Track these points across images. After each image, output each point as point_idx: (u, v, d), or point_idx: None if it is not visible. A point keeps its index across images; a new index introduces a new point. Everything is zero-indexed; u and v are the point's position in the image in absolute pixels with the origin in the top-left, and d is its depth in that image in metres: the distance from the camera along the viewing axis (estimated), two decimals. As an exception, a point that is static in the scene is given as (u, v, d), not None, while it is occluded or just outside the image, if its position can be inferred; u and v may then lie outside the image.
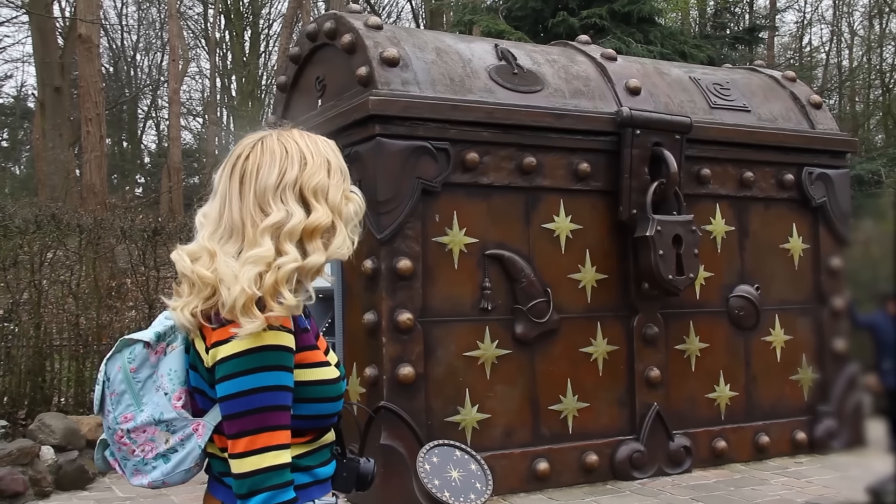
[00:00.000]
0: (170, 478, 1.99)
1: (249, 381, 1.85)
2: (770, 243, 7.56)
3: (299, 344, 1.96)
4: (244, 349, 1.86)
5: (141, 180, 34.69)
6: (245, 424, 1.85)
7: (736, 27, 21.17)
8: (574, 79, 6.98)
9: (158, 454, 1.98)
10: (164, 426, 1.97)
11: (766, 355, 7.47)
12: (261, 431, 1.85)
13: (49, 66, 19.70)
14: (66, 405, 7.94)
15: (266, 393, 1.86)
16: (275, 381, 1.87)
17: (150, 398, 1.99)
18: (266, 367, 1.86)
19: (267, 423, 1.86)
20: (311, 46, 7.07)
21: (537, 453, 6.37)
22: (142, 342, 2.01)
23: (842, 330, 7.42)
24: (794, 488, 6.41)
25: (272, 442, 1.85)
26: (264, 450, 1.85)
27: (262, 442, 1.85)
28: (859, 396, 6.73)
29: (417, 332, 6.01)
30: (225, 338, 1.88)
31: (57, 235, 8.36)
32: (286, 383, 1.89)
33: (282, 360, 1.89)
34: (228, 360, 1.87)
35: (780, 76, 8.36)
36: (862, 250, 1.75)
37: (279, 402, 1.87)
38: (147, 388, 1.99)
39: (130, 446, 1.99)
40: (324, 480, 2.05)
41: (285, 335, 1.90)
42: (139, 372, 2.00)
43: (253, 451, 1.85)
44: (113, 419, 2.00)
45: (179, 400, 1.98)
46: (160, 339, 2.02)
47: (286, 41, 24.45)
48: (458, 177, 6.26)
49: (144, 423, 1.97)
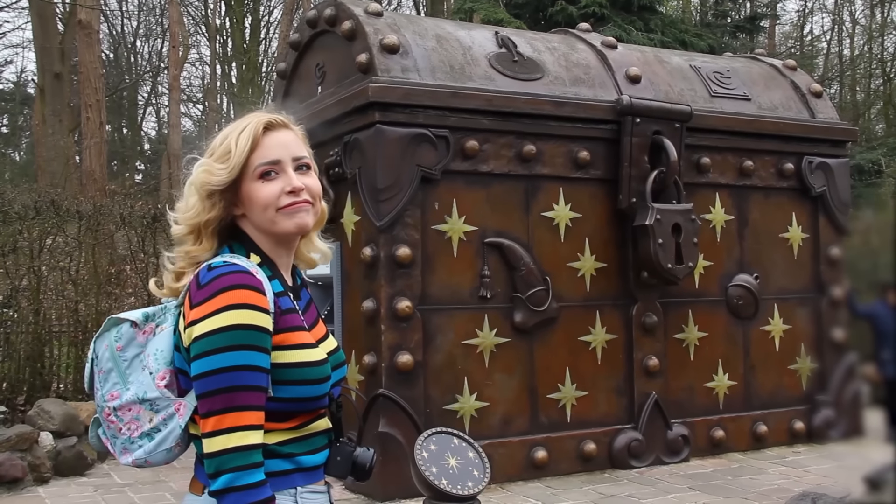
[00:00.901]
0: (152, 457, 2.00)
1: (219, 359, 1.85)
2: (769, 232, 7.56)
3: (279, 325, 1.95)
4: (216, 328, 1.86)
5: (141, 167, 34.65)
6: (213, 404, 1.85)
7: (737, 16, 21.13)
8: (574, 67, 6.96)
9: (143, 433, 2.00)
10: (148, 405, 1.99)
11: (764, 345, 7.47)
12: (229, 411, 1.84)
13: (49, 51, 19.66)
14: (65, 391, 7.95)
15: (235, 372, 1.85)
16: (245, 360, 1.86)
17: (136, 377, 2.00)
18: (236, 346, 1.86)
19: (235, 402, 1.85)
20: (311, 33, 7.05)
21: (535, 441, 6.38)
22: (129, 321, 2.04)
23: (841, 319, 7.42)
24: (791, 477, 6.42)
25: (240, 422, 1.84)
26: (231, 430, 1.84)
27: (229, 422, 1.84)
28: (858, 386, 6.74)
29: (416, 319, 6.01)
30: (199, 317, 1.89)
31: (56, 222, 8.35)
32: (258, 363, 1.88)
33: (253, 340, 1.88)
34: (201, 339, 1.88)
35: (780, 65, 8.35)
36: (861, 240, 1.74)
37: (249, 381, 1.86)
38: (134, 366, 2.02)
39: (117, 424, 2.01)
40: (310, 469, 2.02)
41: (259, 314, 1.90)
42: (126, 350, 2.02)
43: (220, 431, 1.84)
44: (101, 396, 2.03)
45: (163, 380, 1.99)
46: (148, 319, 2.05)
47: (286, 28, 24.39)
48: (458, 164, 6.25)
49: (129, 402, 1.99)
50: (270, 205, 2.00)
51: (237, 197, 2.03)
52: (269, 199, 2.00)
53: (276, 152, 2.02)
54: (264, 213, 2.01)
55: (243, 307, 1.88)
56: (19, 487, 6.40)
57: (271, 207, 2.01)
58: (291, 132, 2.08)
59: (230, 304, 1.88)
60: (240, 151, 1.98)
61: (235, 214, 2.06)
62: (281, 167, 2.02)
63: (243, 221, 2.07)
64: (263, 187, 2.00)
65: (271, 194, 2.00)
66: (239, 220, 2.07)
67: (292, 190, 2.01)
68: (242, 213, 2.06)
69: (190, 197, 2.03)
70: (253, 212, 2.03)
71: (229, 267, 1.94)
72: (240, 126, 2.03)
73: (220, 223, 2.04)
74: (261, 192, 2.00)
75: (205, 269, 1.96)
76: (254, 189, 2.01)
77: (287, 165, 2.02)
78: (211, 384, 1.86)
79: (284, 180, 2.01)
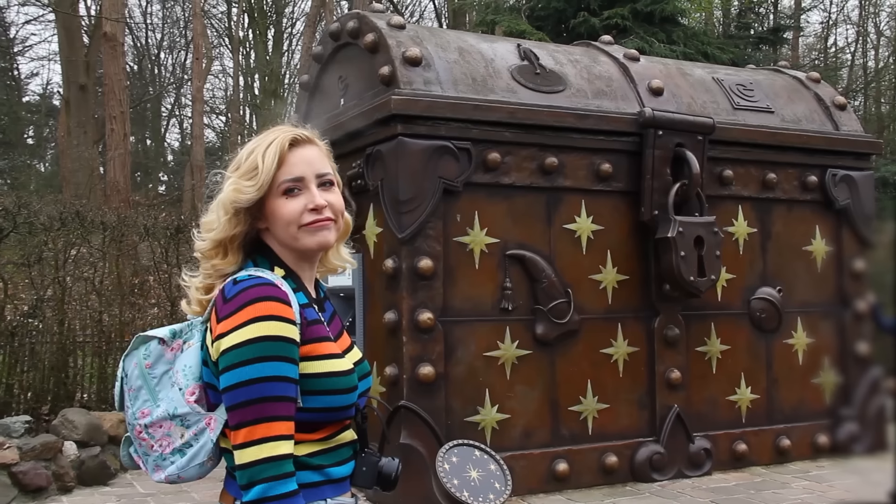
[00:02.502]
0: (185, 472, 2.02)
1: (248, 371, 1.87)
2: (793, 245, 7.52)
3: (306, 336, 1.97)
4: (244, 340, 1.88)
5: (164, 178, 34.91)
6: (244, 415, 1.86)
7: (760, 27, 21.04)
8: (596, 79, 6.96)
9: (175, 449, 2.01)
10: (179, 421, 2.00)
11: (787, 358, 7.42)
12: (259, 422, 1.85)
13: (74, 64, 19.85)
14: (89, 401, 8.00)
15: (265, 384, 1.87)
16: (274, 371, 1.88)
17: (166, 394, 2.02)
18: (265, 358, 1.88)
19: (265, 413, 1.86)
20: (333, 46, 7.09)
21: (557, 454, 6.36)
22: (157, 339, 2.06)
23: (865, 333, 7.36)
24: (815, 492, 6.37)
25: (270, 433, 1.86)
26: (263, 440, 1.85)
27: (260, 433, 1.85)
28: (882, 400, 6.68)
29: (438, 331, 6.01)
30: (227, 330, 1.91)
31: (81, 232, 8.43)
32: (287, 374, 1.90)
33: (282, 351, 1.89)
34: (229, 351, 1.89)
35: (804, 77, 8.31)
36: (886, 253, 1.73)
37: (278, 392, 1.88)
38: (163, 383, 2.03)
39: (149, 441, 2.03)
40: (338, 480, 2.04)
41: (287, 326, 1.91)
42: (154, 368, 2.04)
43: (251, 442, 1.85)
44: (132, 414, 2.05)
45: (193, 395, 2.00)
46: (175, 336, 2.07)
47: (309, 40, 24.52)
48: (480, 177, 6.26)
49: (160, 419, 2.01)
50: (293, 221, 2.02)
51: (261, 212, 2.05)
52: (291, 216, 2.02)
53: (300, 169, 2.03)
54: (287, 229, 2.03)
55: (270, 318, 1.90)
56: (43, 496, 6.44)
57: (294, 224, 2.02)
58: (316, 147, 2.09)
59: (257, 317, 1.90)
60: (267, 169, 1.99)
61: (259, 228, 2.08)
62: (304, 184, 2.03)
63: (267, 235, 2.08)
64: (287, 204, 2.02)
65: (294, 211, 2.02)
66: (263, 233, 2.09)
67: (315, 207, 2.02)
68: (266, 227, 2.07)
69: (217, 213, 2.04)
70: (276, 227, 2.05)
71: (255, 280, 1.96)
72: (265, 141, 2.04)
73: (245, 237, 2.06)
74: (284, 208, 2.02)
75: (230, 283, 1.98)
76: (277, 205, 2.02)
77: (310, 182, 2.04)
78: (241, 396, 1.87)
79: (307, 197, 2.03)
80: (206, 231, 2.05)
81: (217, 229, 2.03)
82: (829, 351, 7.58)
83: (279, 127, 2.10)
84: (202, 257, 2.07)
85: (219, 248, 2.05)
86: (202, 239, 2.06)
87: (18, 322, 7.76)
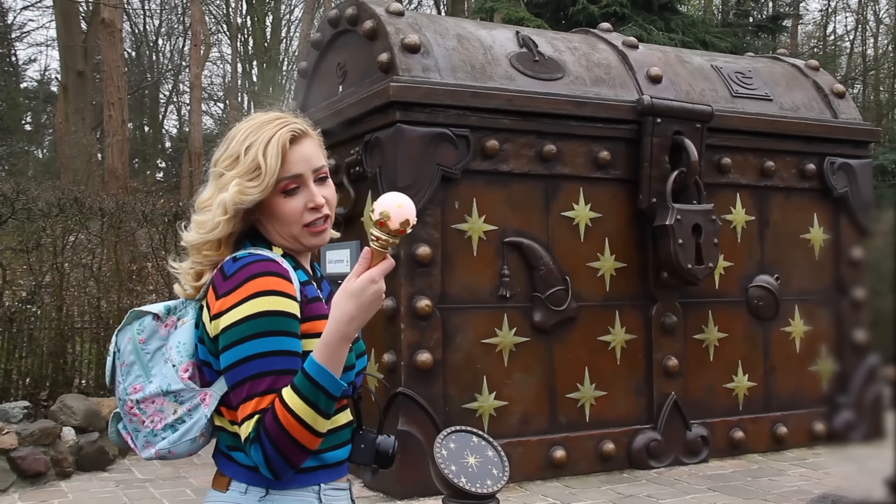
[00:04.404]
0: (176, 447, 2.00)
1: (251, 346, 1.87)
2: (790, 233, 7.53)
3: (306, 314, 1.96)
4: (244, 315, 1.88)
5: (162, 165, 34.82)
6: (250, 389, 1.86)
7: (759, 15, 21.02)
8: (595, 66, 6.96)
9: (167, 425, 2.00)
10: (172, 397, 1.99)
11: (785, 346, 7.44)
12: (265, 394, 1.85)
13: (72, 50, 19.77)
14: (87, 387, 8.02)
15: (268, 358, 1.87)
16: (276, 346, 1.88)
17: (159, 370, 2.01)
18: (267, 333, 1.87)
19: (270, 386, 1.85)
20: (332, 32, 7.07)
21: (554, 441, 6.38)
22: (151, 314, 2.05)
23: (862, 321, 7.37)
24: (811, 479, 6.39)
25: (259, 407, 1.85)
26: (247, 418, 1.85)
27: (250, 408, 1.85)
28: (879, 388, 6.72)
29: (436, 318, 6.02)
30: (227, 307, 1.90)
31: (79, 219, 8.42)
32: (289, 348, 1.90)
33: (283, 326, 1.89)
34: (230, 328, 1.89)
35: (803, 65, 8.31)
36: (883, 241, 1.73)
37: (282, 366, 1.87)
38: (156, 359, 2.02)
39: (140, 417, 2.01)
40: (333, 465, 2.03)
41: (287, 301, 1.91)
42: (148, 343, 2.03)
43: (243, 420, 1.85)
44: (122, 390, 2.03)
45: (186, 372, 1.99)
46: (170, 312, 2.06)
47: (308, 27, 24.46)
48: (478, 164, 6.26)
49: (153, 394, 2.00)
50: (294, 221, 2.02)
51: (258, 207, 2.03)
52: (292, 216, 2.01)
53: (299, 167, 2.01)
54: (288, 227, 2.03)
55: (271, 293, 1.90)
56: (42, 482, 6.46)
57: (296, 224, 2.02)
58: (311, 140, 2.07)
59: (258, 292, 1.89)
60: (271, 170, 1.97)
61: (253, 219, 2.07)
62: (303, 181, 2.02)
63: (260, 225, 2.07)
64: (287, 203, 2.01)
65: (295, 211, 2.01)
66: (257, 223, 2.08)
67: (314, 206, 2.02)
68: (259, 218, 2.06)
69: (215, 213, 2.01)
70: (275, 224, 2.04)
71: (255, 256, 1.96)
72: (264, 135, 2.00)
73: (241, 232, 2.06)
74: (285, 207, 2.01)
75: (229, 260, 1.97)
76: (277, 203, 2.01)
77: (308, 179, 2.03)
78: (244, 371, 1.86)
79: (306, 195, 2.02)
80: (202, 230, 2.03)
81: (216, 230, 2.01)
82: (827, 339, 7.59)
83: (271, 114, 2.06)
84: (194, 250, 2.06)
85: (213, 243, 2.03)
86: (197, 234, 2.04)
87: (17, 308, 7.77)
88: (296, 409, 1.80)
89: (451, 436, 3.63)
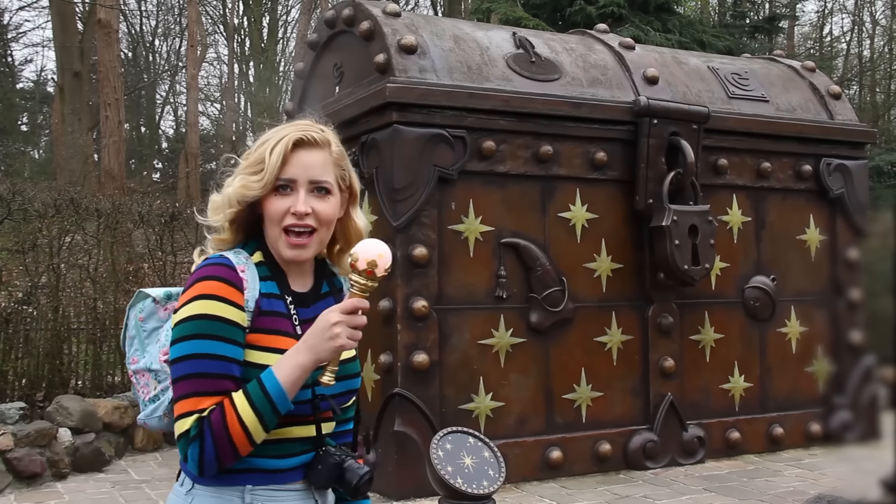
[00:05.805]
0: (149, 420, 2.14)
1: (185, 347, 1.94)
2: (787, 234, 7.54)
3: (255, 324, 1.99)
4: (185, 316, 1.96)
5: (158, 165, 34.76)
6: (180, 389, 1.94)
7: (756, 16, 21.03)
8: (592, 67, 6.96)
9: (151, 398, 2.13)
10: (154, 375, 2.12)
11: (781, 346, 7.45)
12: (187, 397, 1.92)
13: (69, 50, 19.76)
14: (84, 388, 8.00)
15: (197, 360, 1.92)
16: (207, 349, 1.92)
17: (151, 348, 2.15)
18: (199, 335, 1.93)
19: (196, 389, 1.91)
20: (329, 33, 7.07)
21: (550, 442, 6.38)
22: (152, 297, 2.19)
23: (858, 322, 7.37)
24: (807, 480, 6.40)
25: (197, 407, 1.90)
26: (184, 415, 1.91)
27: (187, 406, 1.91)
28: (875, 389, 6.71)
29: (432, 319, 6.02)
30: (179, 305, 2.00)
31: (75, 219, 8.41)
32: (223, 353, 1.93)
33: (217, 331, 1.93)
34: (175, 326, 1.98)
35: (799, 66, 8.32)
36: (879, 242, 1.73)
37: (210, 369, 1.92)
38: (151, 338, 2.17)
39: (136, 385, 2.17)
40: (269, 471, 2.00)
41: (225, 307, 1.95)
42: (146, 322, 2.18)
43: (182, 416, 1.92)
44: (128, 359, 2.19)
45: (165, 355, 2.06)
46: (170, 298, 2.19)
47: (304, 28, 24.46)
48: (475, 165, 6.26)
49: (142, 369, 2.14)
50: (275, 220, 2.05)
51: (260, 205, 2.07)
52: (275, 215, 2.04)
53: (294, 171, 2.03)
54: (271, 226, 2.06)
55: (209, 298, 1.95)
56: (38, 482, 6.45)
57: (275, 224, 2.05)
58: (322, 152, 2.07)
59: (198, 294, 1.96)
60: (271, 168, 2.01)
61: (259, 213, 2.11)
62: (294, 186, 2.04)
63: (263, 226, 2.10)
64: (274, 202, 2.04)
65: (278, 210, 2.04)
66: (261, 218, 2.10)
67: (295, 212, 2.02)
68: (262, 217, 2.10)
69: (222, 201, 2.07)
70: (266, 225, 2.08)
71: (213, 259, 2.03)
72: (277, 136, 2.05)
73: (247, 220, 2.10)
74: (272, 206, 2.04)
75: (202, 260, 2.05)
76: (268, 201, 2.05)
77: (300, 186, 2.04)
78: (182, 369, 1.94)
79: (293, 200, 2.03)
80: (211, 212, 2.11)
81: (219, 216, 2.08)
82: (823, 339, 7.60)
83: (298, 122, 2.10)
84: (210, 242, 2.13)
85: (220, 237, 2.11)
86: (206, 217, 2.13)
87: (13, 309, 7.75)
88: (243, 415, 1.88)
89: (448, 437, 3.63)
